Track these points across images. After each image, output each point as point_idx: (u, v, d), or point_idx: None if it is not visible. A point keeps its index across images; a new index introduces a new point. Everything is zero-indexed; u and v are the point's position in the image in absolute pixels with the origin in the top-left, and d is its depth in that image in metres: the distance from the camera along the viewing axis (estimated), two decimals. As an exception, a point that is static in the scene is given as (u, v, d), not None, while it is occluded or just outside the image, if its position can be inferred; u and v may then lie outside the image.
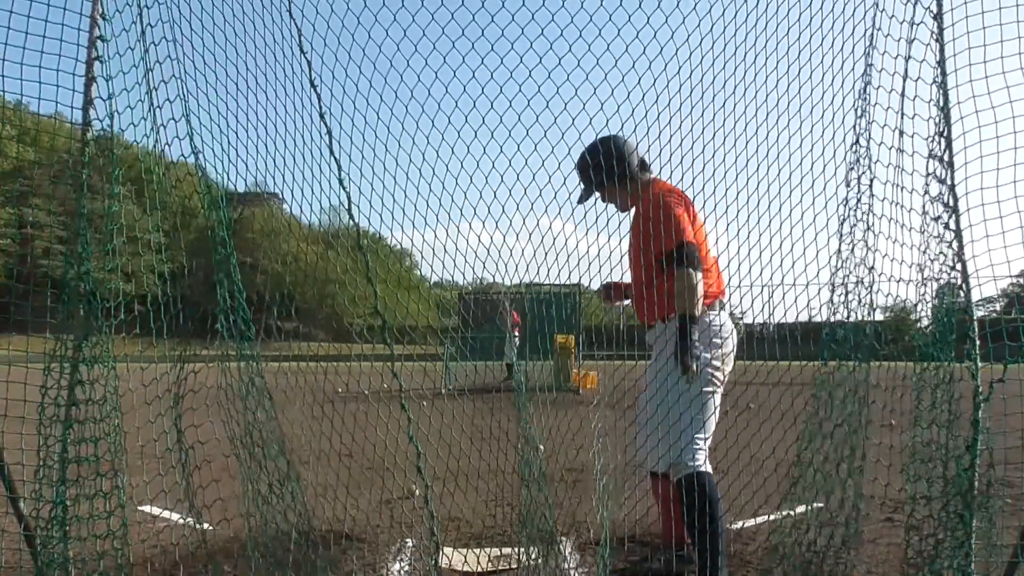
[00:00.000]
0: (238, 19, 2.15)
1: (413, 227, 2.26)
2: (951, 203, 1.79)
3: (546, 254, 2.15)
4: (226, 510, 2.28)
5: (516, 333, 10.54)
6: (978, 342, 1.75)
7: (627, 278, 2.55)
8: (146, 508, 3.18)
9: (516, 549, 2.53)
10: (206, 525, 2.78)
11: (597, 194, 2.46)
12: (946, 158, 1.78)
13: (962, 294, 1.80)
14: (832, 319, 2.17)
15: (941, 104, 1.80)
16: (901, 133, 1.92)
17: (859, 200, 2.10)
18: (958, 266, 1.79)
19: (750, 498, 2.44)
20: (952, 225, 1.81)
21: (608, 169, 2.29)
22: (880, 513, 3.25)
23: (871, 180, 2.06)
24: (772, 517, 3.06)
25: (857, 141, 2.10)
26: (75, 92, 1.92)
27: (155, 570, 2.53)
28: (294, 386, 2.56)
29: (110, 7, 1.97)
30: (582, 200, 2.42)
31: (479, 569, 2.57)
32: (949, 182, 1.79)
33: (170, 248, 2.30)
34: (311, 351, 3.05)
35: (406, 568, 2.62)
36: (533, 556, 2.35)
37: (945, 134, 1.79)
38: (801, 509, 2.18)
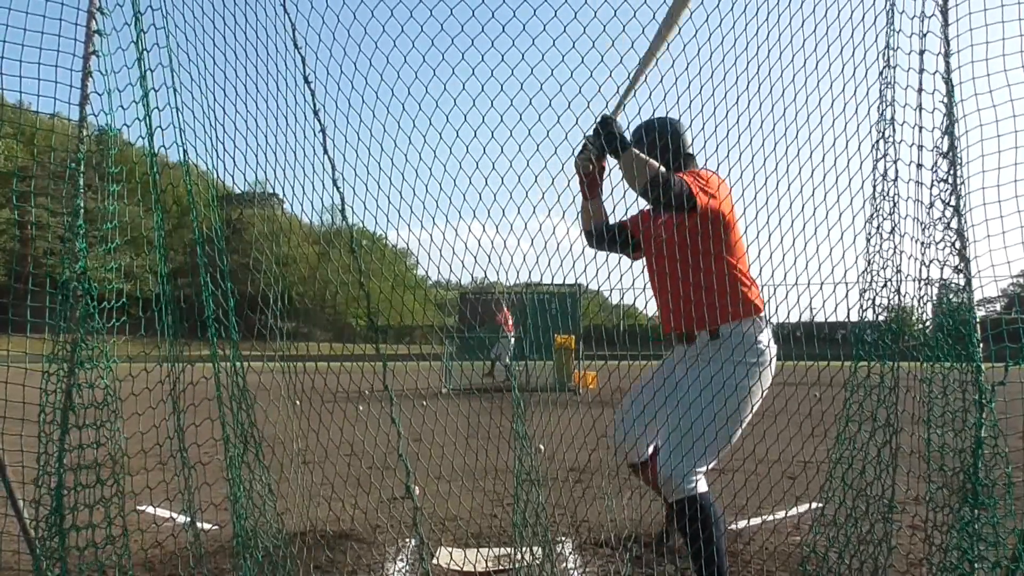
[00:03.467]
0: (229, 11, 2.12)
1: (409, 228, 2.24)
2: (954, 202, 1.79)
3: (549, 257, 2.13)
4: (227, 509, 2.27)
5: (509, 332, 10.47)
6: (980, 344, 1.74)
7: (630, 280, 2.46)
8: (148, 509, 3.17)
9: (516, 549, 2.52)
10: (207, 525, 2.78)
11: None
12: (950, 156, 1.77)
13: (964, 295, 1.79)
14: (862, 320, 2.13)
15: (946, 102, 1.79)
16: (921, 129, 1.89)
17: (885, 197, 2.06)
18: (961, 266, 1.78)
19: (757, 498, 2.43)
20: (954, 225, 1.80)
21: (660, 151, 2.16)
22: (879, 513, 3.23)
23: (895, 178, 2.03)
24: (772, 517, 3.06)
25: (882, 137, 2.07)
26: (72, 88, 1.89)
27: (155, 571, 2.52)
28: (294, 386, 2.55)
29: (109, 1, 1.95)
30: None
31: (479, 569, 2.57)
32: (952, 181, 1.78)
33: (171, 248, 2.29)
34: (311, 351, 3.03)
35: (406, 568, 2.61)
36: (534, 556, 2.34)
37: (949, 132, 1.78)
38: (803, 508, 2.16)
